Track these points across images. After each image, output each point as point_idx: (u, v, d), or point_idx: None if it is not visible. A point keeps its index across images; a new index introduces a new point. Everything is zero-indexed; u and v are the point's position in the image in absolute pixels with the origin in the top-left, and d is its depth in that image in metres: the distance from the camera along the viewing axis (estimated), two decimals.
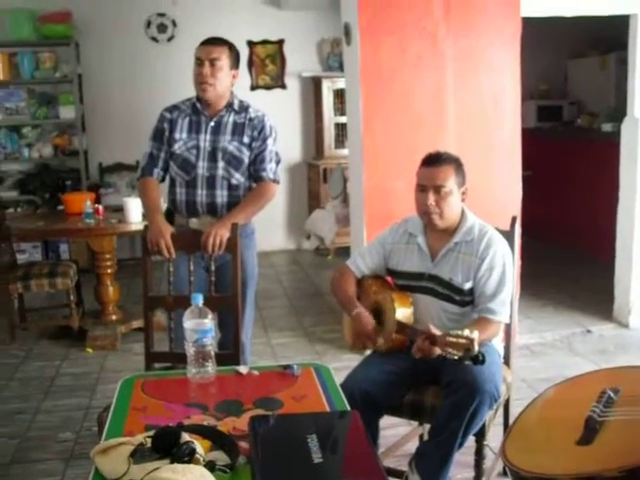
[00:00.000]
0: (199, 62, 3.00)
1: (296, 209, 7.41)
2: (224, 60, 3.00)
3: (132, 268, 6.07)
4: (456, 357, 2.15)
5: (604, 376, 2.21)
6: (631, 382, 2.03)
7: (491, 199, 3.97)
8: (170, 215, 3.14)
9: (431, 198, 2.51)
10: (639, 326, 4.66)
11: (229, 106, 3.09)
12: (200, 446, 1.61)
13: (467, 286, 2.52)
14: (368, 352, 2.73)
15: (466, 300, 2.55)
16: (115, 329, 4.64)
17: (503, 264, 2.51)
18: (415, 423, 2.96)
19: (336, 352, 4.32)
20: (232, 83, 3.10)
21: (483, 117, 4.18)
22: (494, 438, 2.66)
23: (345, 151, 6.20)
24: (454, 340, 2.15)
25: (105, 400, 3.42)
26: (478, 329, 2.22)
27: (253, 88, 7.11)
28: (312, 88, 7.22)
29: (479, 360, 2.13)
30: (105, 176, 6.82)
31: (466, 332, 2.14)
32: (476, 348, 2.11)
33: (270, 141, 3.10)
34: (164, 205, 3.20)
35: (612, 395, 1.92)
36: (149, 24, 6.80)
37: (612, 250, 4.78)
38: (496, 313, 2.49)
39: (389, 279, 2.73)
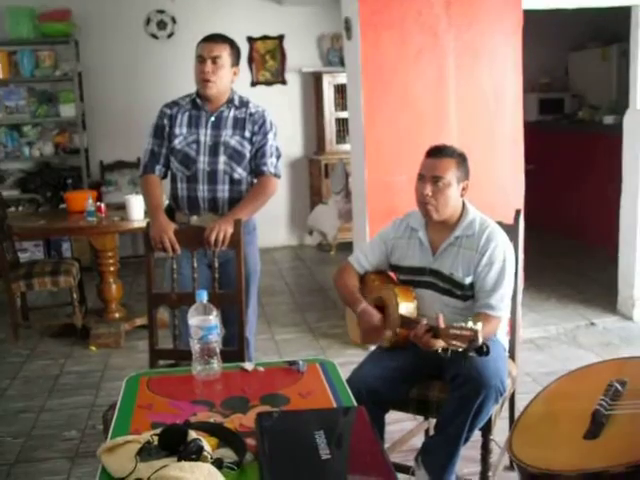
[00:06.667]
0: (201, 59, 2.99)
1: (298, 205, 7.40)
2: (225, 58, 3.00)
3: (135, 266, 6.07)
4: (460, 349, 2.14)
5: (610, 367, 2.19)
6: (638, 374, 2.01)
7: (494, 193, 3.96)
8: (170, 212, 3.12)
9: (428, 188, 2.49)
10: None
11: (229, 102, 3.08)
12: (207, 443, 1.61)
13: (468, 281, 2.51)
14: (372, 347, 2.73)
15: (467, 294, 2.53)
16: (119, 327, 4.63)
17: (503, 259, 2.49)
18: (420, 418, 2.96)
19: (340, 347, 4.32)
20: (233, 80, 3.09)
21: (485, 110, 4.16)
22: (500, 432, 2.65)
23: (346, 146, 6.20)
24: (458, 332, 2.14)
25: (110, 398, 3.42)
26: None
27: (253, 84, 7.10)
28: (312, 83, 7.21)
29: (484, 351, 2.11)
30: (106, 174, 6.81)
31: (470, 324, 2.13)
32: (480, 339, 2.10)
33: (271, 136, 3.11)
34: (165, 202, 3.19)
35: (619, 387, 1.90)
36: (149, 21, 6.78)
37: (616, 242, 4.76)
38: (495, 308, 2.47)
39: (392, 274, 2.72)
